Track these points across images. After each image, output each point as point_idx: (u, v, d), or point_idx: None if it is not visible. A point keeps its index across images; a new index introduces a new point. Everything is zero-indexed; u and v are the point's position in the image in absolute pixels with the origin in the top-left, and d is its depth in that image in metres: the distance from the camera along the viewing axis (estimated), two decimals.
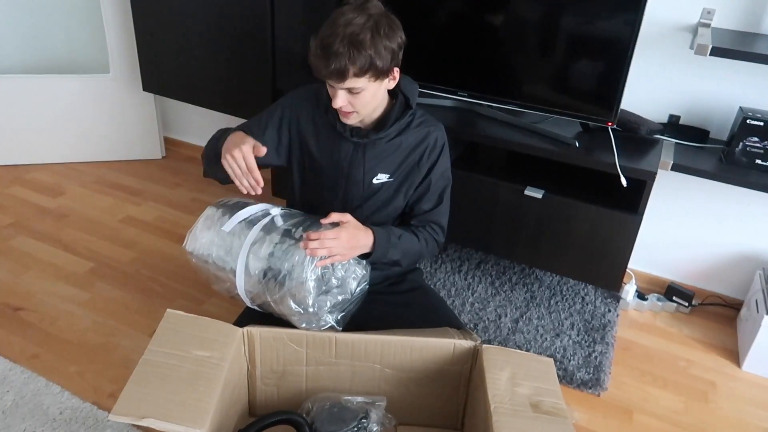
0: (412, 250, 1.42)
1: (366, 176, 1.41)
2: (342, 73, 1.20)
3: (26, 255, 2.07)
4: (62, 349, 1.68)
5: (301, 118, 1.43)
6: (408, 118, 1.39)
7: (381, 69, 1.24)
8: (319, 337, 1.33)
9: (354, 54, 1.19)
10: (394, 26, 1.26)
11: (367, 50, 1.20)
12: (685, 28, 1.77)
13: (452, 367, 1.37)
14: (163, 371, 1.15)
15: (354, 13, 1.22)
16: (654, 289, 2.11)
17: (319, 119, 1.42)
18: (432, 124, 1.43)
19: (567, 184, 1.81)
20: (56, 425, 1.43)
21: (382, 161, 1.40)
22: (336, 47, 1.18)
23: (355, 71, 1.21)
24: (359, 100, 1.28)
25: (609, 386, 1.69)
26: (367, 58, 1.20)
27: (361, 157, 1.40)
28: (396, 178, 1.42)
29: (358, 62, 1.20)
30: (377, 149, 1.39)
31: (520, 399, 1.20)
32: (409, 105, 1.38)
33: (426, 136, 1.41)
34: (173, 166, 2.78)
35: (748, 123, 1.65)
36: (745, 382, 1.76)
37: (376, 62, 1.22)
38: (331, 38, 1.19)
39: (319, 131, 1.42)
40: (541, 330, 1.87)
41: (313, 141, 1.43)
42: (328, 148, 1.42)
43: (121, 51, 2.53)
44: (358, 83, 1.24)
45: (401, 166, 1.41)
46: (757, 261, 1.96)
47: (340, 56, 1.18)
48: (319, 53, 1.21)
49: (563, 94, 1.77)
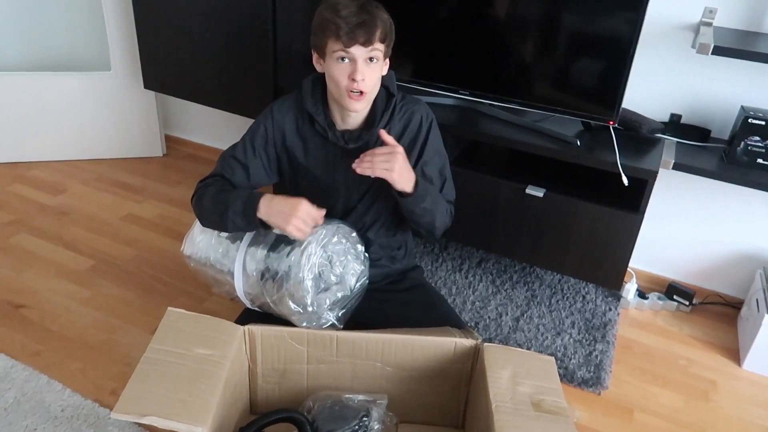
0: (439, 208, 1.38)
1: (363, 177, 1.37)
2: (372, 31, 1.20)
3: (27, 252, 2.07)
4: (63, 347, 1.68)
5: (286, 132, 1.38)
6: (392, 105, 1.36)
7: (391, 42, 1.27)
8: (320, 335, 1.33)
9: (377, 15, 1.22)
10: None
11: (384, 14, 1.24)
12: (687, 26, 1.77)
13: (453, 365, 1.37)
14: (165, 369, 1.15)
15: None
16: (655, 288, 2.11)
17: (305, 130, 1.38)
18: (413, 103, 1.39)
19: (568, 182, 1.80)
20: (58, 423, 1.44)
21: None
22: (359, 8, 1.20)
23: (380, 34, 1.22)
24: (374, 75, 1.26)
25: (610, 385, 1.69)
26: (388, 22, 1.24)
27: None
28: None
29: (381, 24, 1.22)
30: (370, 147, 1.36)
31: (521, 398, 1.21)
32: (391, 93, 1.36)
33: (410, 119, 1.38)
34: (174, 164, 2.78)
35: (749, 122, 1.64)
36: (746, 381, 1.77)
37: (391, 31, 1.26)
38: (347, 3, 1.20)
39: (307, 143, 1.39)
40: (541, 328, 1.87)
41: (301, 154, 1.39)
42: (320, 158, 1.39)
43: (123, 49, 2.52)
44: (379, 48, 1.24)
45: None
46: (757, 260, 1.96)
47: (369, 13, 1.20)
48: (342, 16, 1.19)
49: (565, 93, 1.77)
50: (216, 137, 2.85)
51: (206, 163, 2.80)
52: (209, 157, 2.85)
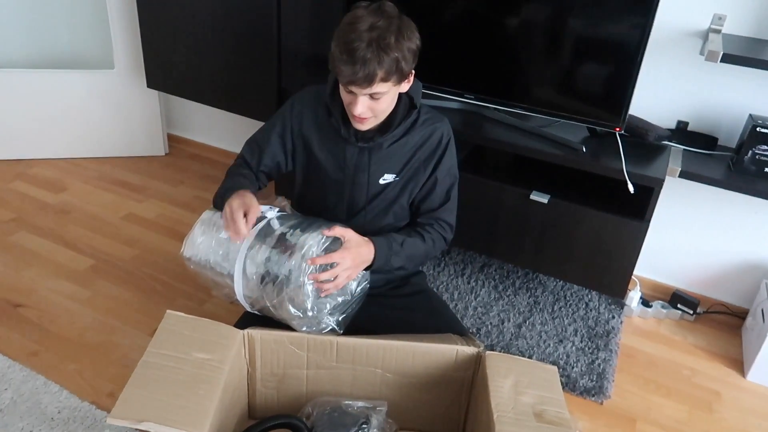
0: (417, 254, 1.40)
1: (371, 178, 1.39)
2: (371, 79, 1.18)
3: (27, 251, 2.06)
4: (61, 348, 1.67)
5: (304, 123, 1.41)
6: (413, 117, 1.37)
7: (405, 72, 1.23)
8: (320, 340, 1.31)
9: (383, 58, 1.17)
10: (412, 27, 1.25)
11: (394, 53, 1.18)
12: (695, 33, 1.75)
13: (455, 373, 1.35)
14: (163, 374, 1.14)
15: (374, 17, 1.19)
16: (658, 296, 2.09)
17: (323, 123, 1.40)
18: (437, 120, 1.41)
19: (573, 189, 1.79)
20: (54, 425, 1.42)
21: (388, 162, 1.39)
22: (363, 52, 1.15)
23: (383, 76, 1.19)
24: (379, 105, 1.26)
25: (612, 394, 1.67)
26: (394, 62, 1.19)
27: (367, 161, 1.38)
28: (402, 178, 1.40)
29: (386, 66, 1.18)
30: (383, 151, 1.38)
31: (523, 408, 1.19)
32: (414, 104, 1.36)
33: (431, 134, 1.39)
34: (176, 164, 2.76)
35: (757, 131, 1.63)
36: (750, 393, 1.75)
37: (402, 65, 1.21)
38: (356, 43, 1.16)
39: (323, 135, 1.40)
40: (544, 336, 1.85)
41: (317, 145, 1.41)
42: (333, 152, 1.40)
43: (126, 47, 2.51)
44: (383, 88, 1.22)
45: (407, 165, 1.39)
46: (763, 270, 1.94)
47: (368, 61, 1.16)
48: (345, 59, 1.17)
49: (571, 99, 1.76)
50: (219, 137, 2.83)
51: (209, 162, 2.79)
52: (212, 156, 2.84)
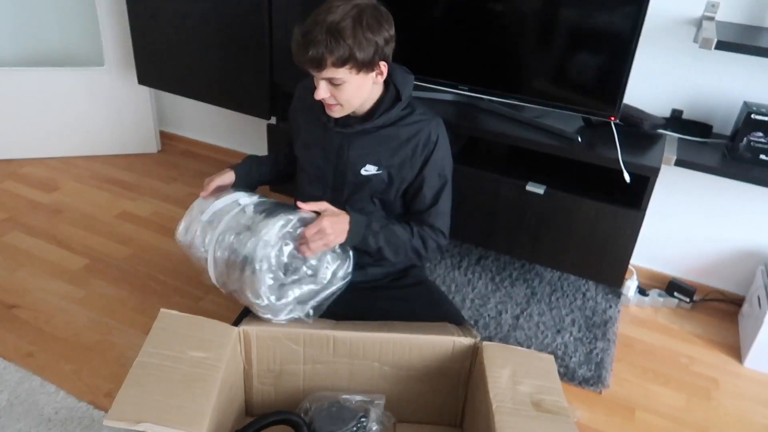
0: (398, 242, 1.37)
1: (351, 167, 1.37)
2: (319, 62, 1.18)
3: (20, 251, 2.04)
4: (57, 348, 1.66)
5: (299, 108, 1.45)
6: (398, 110, 1.34)
7: (362, 61, 1.20)
8: (316, 335, 1.31)
9: (331, 43, 1.15)
10: (381, 19, 1.21)
11: (346, 40, 1.16)
12: (689, 21, 1.74)
13: (452, 364, 1.35)
14: (159, 373, 1.13)
15: (345, 4, 1.18)
16: (655, 285, 2.09)
17: (310, 107, 1.40)
18: (430, 119, 1.38)
19: (569, 179, 1.78)
20: (51, 425, 1.41)
21: (370, 153, 1.37)
22: (314, 34, 1.15)
23: (333, 61, 1.17)
24: (342, 93, 1.25)
25: (611, 383, 1.68)
26: (346, 49, 1.17)
27: (347, 147, 1.37)
28: (385, 171, 1.37)
29: (336, 52, 1.16)
30: (364, 140, 1.36)
31: (521, 397, 1.19)
32: (399, 97, 1.34)
33: (419, 130, 1.36)
34: (169, 161, 2.74)
35: (752, 118, 1.62)
36: (748, 379, 1.75)
37: (355, 53, 1.18)
38: (311, 26, 1.17)
39: (311, 121, 1.42)
40: (542, 326, 1.85)
41: (304, 130, 1.43)
42: (318, 138, 1.41)
43: (116, 43, 2.49)
44: (337, 74, 1.20)
45: (392, 159, 1.36)
46: (759, 257, 1.94)
47: (318, 44, 1.15)
48: (299, 39, 1.18)
49: (565, 89, 1.75)
50: (211, 133, 2.81)
51: (201, 159, 2.77)
52: (204, 153, 2.82)
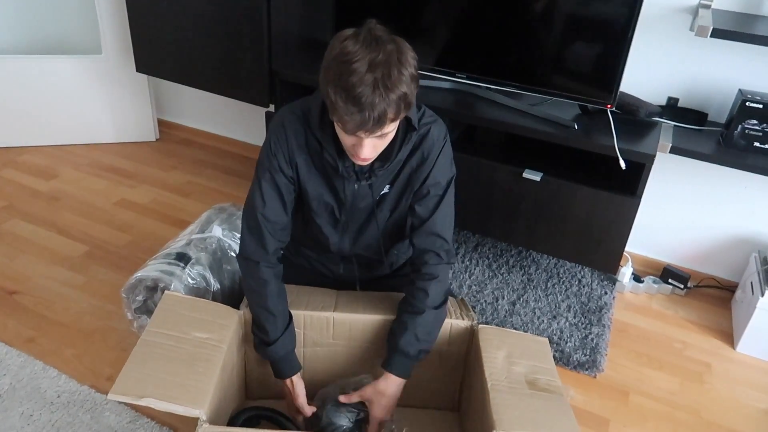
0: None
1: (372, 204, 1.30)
2: (382, 123, 1.04)
3: (20, 238, 2.05)
4: (58, 333, 1.67)
5: (294, 151, 1.24)
6: (413, 139, 1.24)
7: (411, 101, 1.09)
8: (316, 317, 1.33)
9: (390, 98, 1.02)
10: (405, 48, 1.08)
11: (402, 88, 1.04)
12: (685, 9, 1.75)
13: (449, 347, 1.37)
14: (162, 352, 1.15)
15: (369, 51, 1.03)
16: (650, 272, 2.11)
17: (312, 152, 1.24)
18: (431, 122, 1.28)
19: (565, 166, 1.80)
20: (54, 408, 1.43)
21: (386, 180, 1.29)
22: (370, 98, 1.01)
23: (392, 116, 1.05)
24: (385, 141, 1.14)
25: (605, 368, 1.70)
26: (402, 97, 1.05)
27: (368, 191, 1.28)
28: (396, 186, 1.30)
29: (395, 105, 1.04)
30: (381, 176, 1.27)
31: (516, 377, 1.22)
32: (412, 125, 1.21)
33: (422, 139, 1.26)
34: (167, 149, 2.75)
35: (747, 105, 1.64)
36: (740, 364, 1.78)
37: (408, 97, 1.06)
38: (360, 88, 1.00)
39: (315, 166, 1.26)
40: (538, 312, 1.88)
41: (306, 174, 1.27)
42: (328, 185, 1.28)
43: (114, 31, 2.48)
44: (392, 126, 1.10)
45: (401, 174, 1.28)
46: (752, 243, 1.97)
47: (376, 106, 1.01)
48: (350, 109, 1.02)
49: (562, 76, 1.76)
50: (209, 121, 2.82)
51: (200, 147, 2.78)
52: (203, 141, 2.83)
